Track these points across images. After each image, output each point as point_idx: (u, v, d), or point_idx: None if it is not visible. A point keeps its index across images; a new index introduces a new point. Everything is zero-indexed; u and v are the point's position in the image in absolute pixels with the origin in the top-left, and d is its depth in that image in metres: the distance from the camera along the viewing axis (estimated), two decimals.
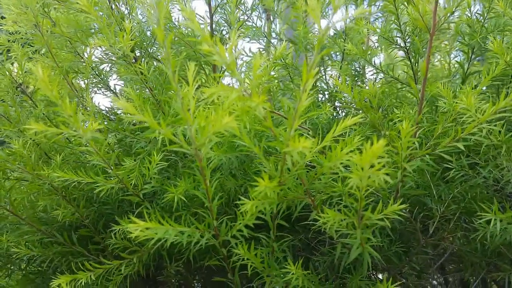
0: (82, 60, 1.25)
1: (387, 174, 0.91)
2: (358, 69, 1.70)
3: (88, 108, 1.10)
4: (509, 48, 1.02)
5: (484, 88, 1.29)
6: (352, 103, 0.96)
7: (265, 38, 1.72)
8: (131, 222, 0.89)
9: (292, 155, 0.70)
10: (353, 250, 0.80)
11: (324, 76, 1.77)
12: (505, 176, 0.89)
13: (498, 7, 1.06)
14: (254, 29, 1.58)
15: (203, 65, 1.60)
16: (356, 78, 1.71)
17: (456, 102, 0.81)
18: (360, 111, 0.99)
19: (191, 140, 0.71)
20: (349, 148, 0.75)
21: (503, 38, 1.28)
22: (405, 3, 1.03)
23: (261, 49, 1.79)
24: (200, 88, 1.42)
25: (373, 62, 1.48)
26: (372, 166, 0.64)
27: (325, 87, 1.74)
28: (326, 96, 1.73)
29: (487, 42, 1.27)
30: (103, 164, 0.88)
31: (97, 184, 0.93)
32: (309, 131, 1.06)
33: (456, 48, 1.77)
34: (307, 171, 0.84)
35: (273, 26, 1.87)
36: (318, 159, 0.80)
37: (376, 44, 1.51)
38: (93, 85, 1.50)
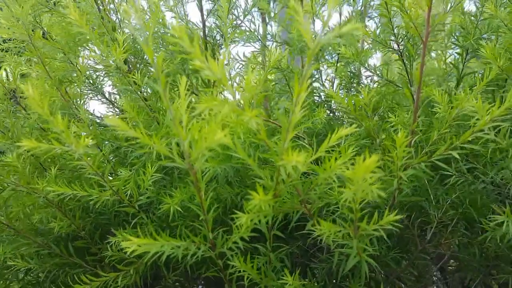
0: (77, 69, 1.24)
1: (384, 182, 0.91)
2: (353, 70, 1.69)
3: (81, 120, 1.10)
4: (503, 49, 1.02)
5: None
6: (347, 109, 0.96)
7: (260, 42, 1.71)
8: (126, 234, 0.89)
9: (286, 168, 0.69)
10: (350, 259, 0.80)
11: (320, 77, 1.77)
12: (506, 179, 0.88)
13: (489, 10, 1.06)
14: (247, 33, 1.57)
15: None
16: (351, 80, 1.70)
17: (452, 107, 0.81)
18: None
19: (185, 154, 0.71)
20: (343, 159, 0.75)
21: (497, 39, 1.28)
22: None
23: (255, 52, 1.78)
24: (197, 93, 1.41)
25: (368, 63, 1.48)
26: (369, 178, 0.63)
27: (321, 88, 1.74)
28: (323, 97, 1.73)
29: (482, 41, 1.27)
30: (97, 177, 0.87)
31: (92, 197, 0.93)
32: (305, 138, 1.06)
33: (453, 46, 1.77)
34: (303, 179, 0.84)
35: (269, 28, 1.86)
36: (314, 167, 0.80)
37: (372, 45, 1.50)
38: (88, 93, 1.49)
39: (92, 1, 1.12)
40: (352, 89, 1.71)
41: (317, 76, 1.75)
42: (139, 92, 1.02)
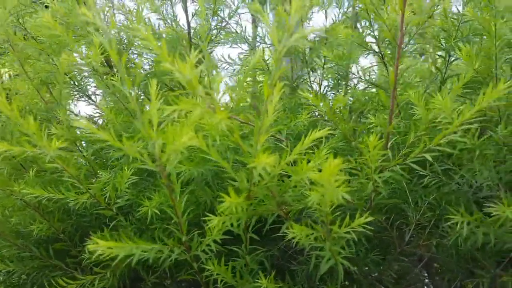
0: (57, 70, 1.24)
1: (361, 185, 0.91)
2: (340, 72, 1.70)
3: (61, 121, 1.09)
4: (480, 52, 1.02)
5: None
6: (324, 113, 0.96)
7: (246, 43, 1.71)
8: (103, 237, 0.89)
9: (258, 170, 0.69)
10: (324, 262, 0.80)
11: (308, 79, 1.77)
12: (478, 180, 0.89)
13: (468, 14, 1.06)
14: (234, 34, 1.57)
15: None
16: (338, 81, 1.70)
17: (429, 108, 0.81)
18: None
19: (155, 156, 0.71)
20: (316, 161, 0.75)
21: (481, 42, 1.28)
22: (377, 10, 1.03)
23: (243, 54, 1.78)
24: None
25: (355, 64, 1.48)
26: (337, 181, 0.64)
27: (309, 89, 1.74)
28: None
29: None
30: (73, 180, 0.87)
31: (69, 199, 0.93)
32: (284, 140, 1.06)
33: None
34: (281, 180, 0.84)
35: (259, 29, 1.86)
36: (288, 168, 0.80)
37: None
38: (74, 94, 1.48)
39: (73, 2, 1.12)
40: (340, 91, 1.72)
41: (305, 77, 1.75)
42: (117, 94, 1.02)
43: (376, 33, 1.23)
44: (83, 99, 1.59)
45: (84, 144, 1.26)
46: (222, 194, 0.70)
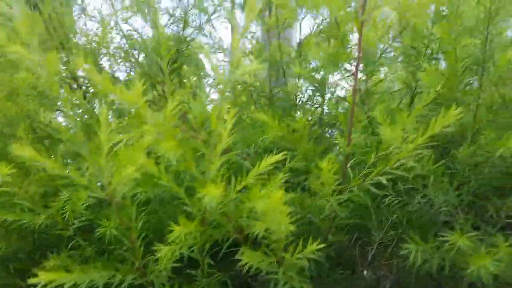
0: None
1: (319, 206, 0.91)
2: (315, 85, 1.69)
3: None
4: (444, 73, 1.03)
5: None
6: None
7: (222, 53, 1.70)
8: (59, 258, 0.87)
9: (206, 200, 0.68)
10: (280, 286, 0.79)
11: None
12: (435, 203, 0.89)
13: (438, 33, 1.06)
14: (205, 45, 1.56)
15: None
16: (314, 95, 1.70)
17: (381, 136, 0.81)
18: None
19: (104, 185, 0.69)
20: (272, 187, 0.74)
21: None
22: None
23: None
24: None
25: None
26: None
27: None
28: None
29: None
30: (25, 203, 0.85)
31: (24, 221, 0.91)
32: (247, 159, 1.05)
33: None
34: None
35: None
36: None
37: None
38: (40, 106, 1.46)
39: (36, 15, 1.09)
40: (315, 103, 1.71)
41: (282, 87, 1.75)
42: (76, 111, 1.00)
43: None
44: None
45: None
46: (171, 223, 0.68)
